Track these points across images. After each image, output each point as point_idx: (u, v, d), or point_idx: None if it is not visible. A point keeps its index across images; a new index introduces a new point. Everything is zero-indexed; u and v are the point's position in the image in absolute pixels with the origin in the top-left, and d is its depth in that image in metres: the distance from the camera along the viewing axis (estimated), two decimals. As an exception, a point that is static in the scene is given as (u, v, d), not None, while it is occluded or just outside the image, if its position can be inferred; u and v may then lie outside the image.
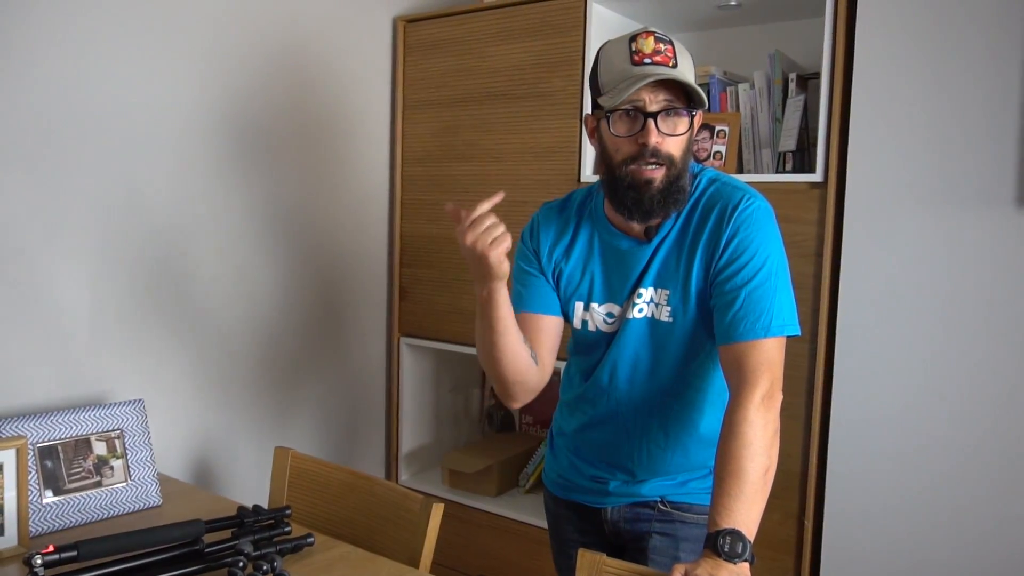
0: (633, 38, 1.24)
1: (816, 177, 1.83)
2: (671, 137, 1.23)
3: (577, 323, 1.40)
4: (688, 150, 1.27)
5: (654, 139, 1.22)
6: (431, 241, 2.52)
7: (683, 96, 1.23)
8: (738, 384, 1.20)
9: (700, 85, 2.09)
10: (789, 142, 1.95)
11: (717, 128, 2.04)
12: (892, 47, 1.74)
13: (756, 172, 2.02)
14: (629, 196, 1.25)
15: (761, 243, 1.25)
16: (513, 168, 2.31)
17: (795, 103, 1.96)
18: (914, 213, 1.74)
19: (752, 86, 2.02)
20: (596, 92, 1.29)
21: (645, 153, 1.22)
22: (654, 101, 1.21)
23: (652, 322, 1.32)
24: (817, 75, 1.95)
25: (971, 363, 1.69)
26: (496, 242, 1.15)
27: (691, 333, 1.31)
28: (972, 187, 1.67)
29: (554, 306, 1.40)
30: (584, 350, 1.43)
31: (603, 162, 1.30)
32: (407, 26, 2.53)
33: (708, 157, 2.04)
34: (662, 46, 1.23)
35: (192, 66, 2.00)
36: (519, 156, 2.30)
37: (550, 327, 1.39)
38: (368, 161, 2.54)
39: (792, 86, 1.97)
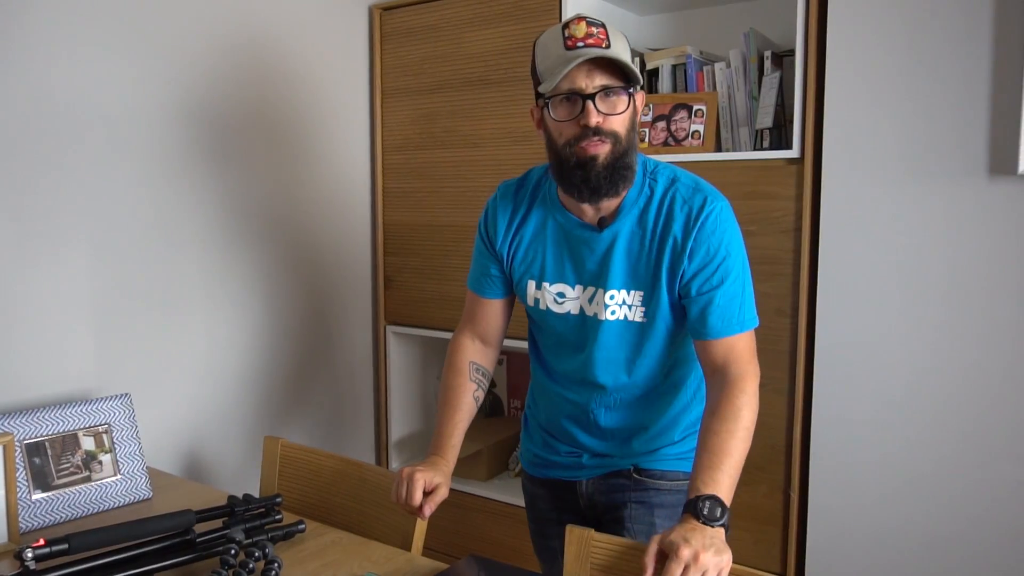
0: (566, 25, 1.27)
1: (793, 153, 1.85)
2: (612, 116, 1.26)
3: (529, 301, 1.44)
4: (632, 128, 1.29)
5: (595, 119, 1.24)
6: (414, 229, 2.52)
7: (620, 76, 1.25)
8: (724, 377, 1.27)
9: (675, 66, 2.13)
10: (766, 119, 1.96)
11: (695, 108, 2.05)
12: (864, 22, 1.75)
13: (734, 150, 2.03)
14: (576, 175, 1.27)
15: (727, 245, 1.30)
16: (492, 153, 2.32)
17: (771, 80, 1.97)
18: (889, 186, 1.76)
19: (728, 65, 2.03)
20: (536, 82, 1.31)
21: (588, 132, 1.25)
22: (591, 84, 1.24)
23: (626, 324, 1.36)
24: (792, 52, 1.96)
25: (948, 332, 1.72)
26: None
27: (665, 331, 1.36)
28: (945, 159, 1.69)
29: (504, 290, 1.49)
30: (539, 330, 1.49)
31: (549, 148, 1.32)
32: (383, 14, 2.52)
33: (687, 137, 2.05)
34: (594, 29, 1.26)
35: (165, 61, 1.99)
36: (498, 141, 2.30)
37: (499, 309, 1.52)
38: (348, 151, 2.53)
39: (767, 64, 1.98)
